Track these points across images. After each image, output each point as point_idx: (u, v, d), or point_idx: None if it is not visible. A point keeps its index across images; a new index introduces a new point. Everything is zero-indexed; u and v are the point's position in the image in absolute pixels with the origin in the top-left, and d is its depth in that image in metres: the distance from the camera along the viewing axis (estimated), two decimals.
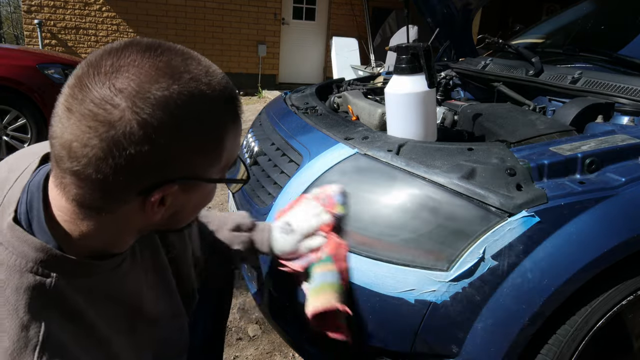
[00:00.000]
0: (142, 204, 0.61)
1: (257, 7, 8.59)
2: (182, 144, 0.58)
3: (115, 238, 0.67)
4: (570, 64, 1.83)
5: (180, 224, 0.72)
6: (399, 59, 1.39)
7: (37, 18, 7.56)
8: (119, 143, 0.54)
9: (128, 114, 0.54)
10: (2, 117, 3.97)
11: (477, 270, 1.01)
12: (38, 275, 0.60)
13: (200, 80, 0.59)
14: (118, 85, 0.55)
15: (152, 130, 0.55)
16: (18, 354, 0.56)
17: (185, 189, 0.63)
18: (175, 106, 0.56)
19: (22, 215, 0.63)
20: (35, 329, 0.58)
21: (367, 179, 1.20)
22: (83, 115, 0.54)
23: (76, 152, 0.55)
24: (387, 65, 6.88)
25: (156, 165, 0.58)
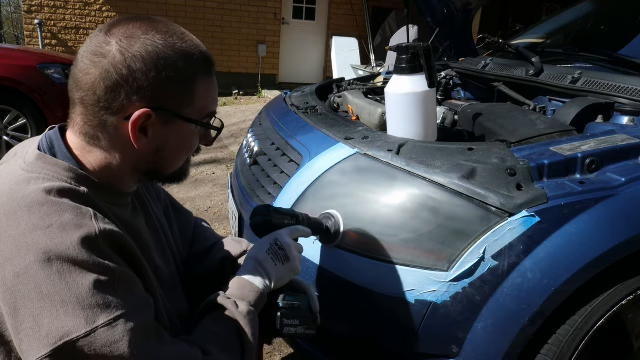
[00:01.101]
0: (129, 132, 0.75)
1: (257, 7, 8.59)
2: (156, 76, 0.74)
3: (117, 171, 0.80)
4: (570, 64, 1.83)
5: (166, 165, 0.84)
6: (399, 58, 1.39)
7: (38, 18, 7.56)
8: (108, 70, 0.73)
9: (115, 47, 0.74)
10: (2, 117, 3.97)
11: (477, 271, 1.01)
12: (72, 185, 0.73)
13: (176, 35, 0.78)
14: (112, 32, 0.75)
15: (130, 60, 0.73)
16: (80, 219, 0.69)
17: (163, 121, 0.77)
18: (152, 45, 0.74)
19: (46, 151, 0.77)
20: (85, 208, 0.71)
21: (367, 179, 1.20)
22: (87, 53, 0.75)
23: (80, 80, 0.75)
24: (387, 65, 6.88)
25: (135, 90, 0.74)
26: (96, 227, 0.69)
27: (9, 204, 0.68)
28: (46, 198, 0.69)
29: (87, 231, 0.68)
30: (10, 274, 0.65)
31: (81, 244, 0.67)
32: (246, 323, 0.84)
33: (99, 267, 0.67)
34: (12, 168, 0.75)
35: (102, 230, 0.70)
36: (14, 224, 0.67)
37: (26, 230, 0.66)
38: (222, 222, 3.04)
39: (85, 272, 0.66)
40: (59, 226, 0.67)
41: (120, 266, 0.71)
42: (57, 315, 0.64)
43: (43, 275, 0.64)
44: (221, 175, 3.97)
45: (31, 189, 0.69)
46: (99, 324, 0.65)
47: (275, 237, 0.98)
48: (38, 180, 0.71)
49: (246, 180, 1.65)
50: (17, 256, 0.65)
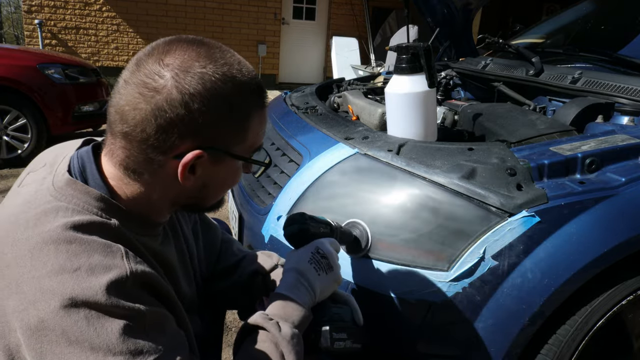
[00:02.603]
0: (176, 169, 0.71)
1: (257, 7, 8.59)
2: (213, 114, 0.69)
3: (154, 204, 0.76)
4: (570, 64, 1.83)
5: (207, 199, 0.80)
6: (399, 58, 1.39)
7: (38, 18, 7.56)
8: (161, 107, 0.66)
9: (171, 82, 0.67)
10: (2, 117, 3.97)
11: (477, 270, 1.01)
12: (102, 218, 0.69)
13: (233, 66, 0.72)
14: (166, 61, 0.68)
15: (188, 97, 0.67)
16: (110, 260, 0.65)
17: (213, 160, 0.73)
18: (210, 81, 0.68)
19: (77, 175, 0.72)
20: (115, 246, 0.67)
21: (367, 179, 1.20)
22: (136, 84, 0.68)
23: (127, 115, 0.68)
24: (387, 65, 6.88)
25: (190, 130, 0.68)
26: (127, 268, 0.66)
27: (35, 238, 0.64)
28: (74, 235, 0.65)
29: (117, 273, 0.64)
30: (35, 318, 0.61)
31: (110, 288, 0.63)
32: (290, 348, 0.78)
33: (128, 311, 0.64)
34: (40, 189, 0.71)
35: (133, 271, 0.66)
36: (40, 264, 0.63)
37: (52, 272, 0.62)
38: None
39: (114, 317, 0.63)
40: (88, 269, 0.63)
41: (151, 306, 0.67)
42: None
43: (70, 321, 0.61)
44: None
45: (59, 223, 0.65)
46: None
47: (316, 246, 0.93)
48: (67, 211, 0.67)
49: (246, 180, 1.65)
50: (42, 300, 0.61)
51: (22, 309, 0.62)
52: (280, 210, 1.30)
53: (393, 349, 1.10)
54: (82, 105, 4.30)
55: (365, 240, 1.09)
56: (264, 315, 0.81)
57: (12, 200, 0.73)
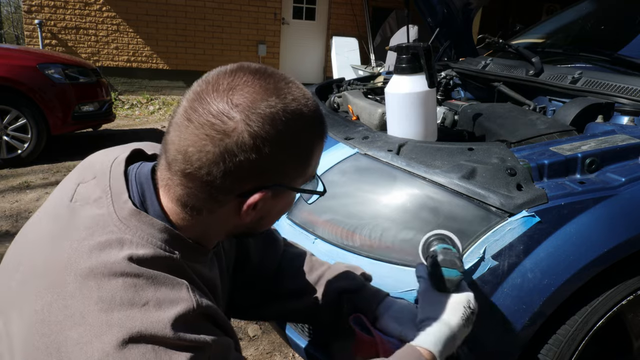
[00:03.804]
0: (237, 207, 0.70)
1: (257, 7, 8.59)
2: (282, 155, 0.67)
3: (208, 236, 0.76)
4: (570, 64, 1.83)
5: (262, 228, 0.79)
6: (399, 58, 1.39)
7: (38, 18, 7.56)
8: (231, 150, 0.64)
9: (241, 125, 0.63)
10: (2, 117, 3.97)
11: (478, 270, 1.01)
12: (166, 252, 0.68)
13: (300, 101, 0.69)
14: (235, 101, 0.64)
15: (260, 142, 0.64)
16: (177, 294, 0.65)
17: (275, 195, 0.71)
18: (280, 122, 0.65)
19: (137, 204, 0.70)
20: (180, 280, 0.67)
21: (368, 179, 1.20)
22: (202, 125, 0.64)
23: (192, 156, 0.65)
24: (387, 65, 6.88)
25: (259, 173, 0.67)
26: (193, 302, 0.65)
27: (101, 269, 0.62)
28: (140, 269, 0.64)
29: (185, 307, 0.64)
30: (99, 352, 0.59)
31: (178, 321, 0.62)
32: None
33: (196, 343, 0.63)
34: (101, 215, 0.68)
35: (199, 304, 0.66)
36: (107, 296, 0.61)
37: (120, 305, 0.61)
38: None
39: (181, 350, 0.62)
40: (155, 303, 0.62)
41: (215, 337, 0.67)
42: None
43: (137, 354, 0.59)
44: None
45: (124, 255, 0.64)
46: None
47: (469, 299, 0.87)
48: (132, 244, 0.65)
49: None
50: (108, 333, 0.59)
51: (86, 341, 0.60)
52: None
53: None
54: (82, 105, 4.30)
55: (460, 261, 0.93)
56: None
57: (66, 220, 0.70)
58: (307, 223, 1.24)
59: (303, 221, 1.25)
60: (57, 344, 0.60)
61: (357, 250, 1.12)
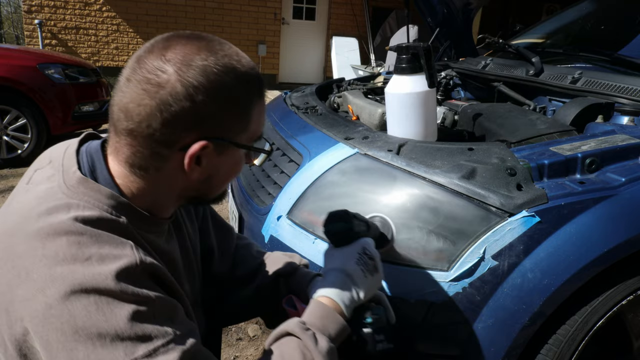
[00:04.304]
0: (182, 162, 0.71)
1: (257, 7, 8.59)
2: (217, 105, 0.70)
3: (161, 199, 0.77)
4: (570, 64, 1.83)
5: (212, 191, 0.81)
6: (399, 58, 1.39)
7: (38, 18, 7.56)
8: (166, 101, 0.67)
9: (174, 76, 0.68)
10: (2, 117, 3.97)
11: (477, 270, 1.01)
12: (112, 215, 0.70)
13: (233, 57, 0.73)
14: (167, 56, 0.69)
15: (192, 90, 0.68)
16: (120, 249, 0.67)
17: (218, 150, 0.74)
18: (212, 72, 0.69)
19: (87, 174, 0.73)
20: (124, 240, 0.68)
21: (368, 179, 1.20)
22: (139, 81, 0.68)
23: (132, 112, 0.69)
24: (387, 65, 6.88)
25: (196, 123, 0.70)
26: (136, 258, 0.67)
27: (46, 229, 0.65)
28: (85, 228, 0.66)
29: (127, 261, 0.65)
30: (42, 305, 0.61)
31: (120, 275, 0.64)
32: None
33: (138, 297, 0.64)
34: (51, 185, 0.71)
35: (142, 260, 0.67)
36: (51, 253, 0.63)
37: (63, 261, 0.63)
38: None
39: (124, 302, 0.63)
40: (98, 258, 0.64)
41: (160, 295, 0.68)
42: (93, 349, 0.61)
43: (79, 306, 0.61)
44: None
45: (71, 216, 0.66)
46: (139, 354, 0.62)
47: (363, 246, 0.90)
48: (79, 207, 0.68)
49: (246, 180, 1.65)
50: (52, 286, 0.61)
51: (30, 296, 0.62)
52: (280, 210, 1.30)
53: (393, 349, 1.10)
54: (82, 105, 4.30)
55: (390, 234, 1.06)
56: (300, 324, 0.78)
57: (21, 197, 0.73)
58: (307, 223, 1.24)
59: (303, 221, 1.25)
60: (5, 304, 0.63)
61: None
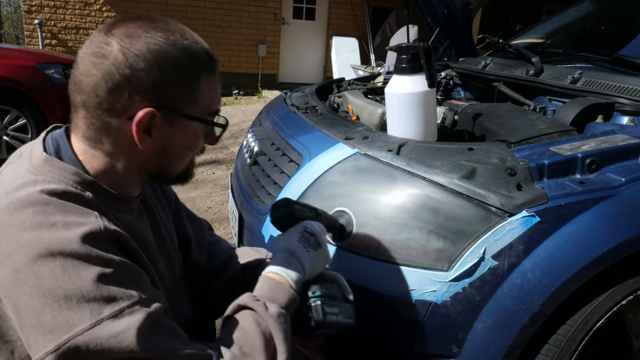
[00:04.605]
0: (132, 133, 0.74)
1: (257, 7, 8.59)
2: (159, 73, 0.73)
3: (122, 175, 0.79)
4: (570, 64, 1.83)
5: (171, 166, 0.82)
6: (399, 58, 1.39)
7: (38, 18, 7.56)
8: (110, 70, 0.72)
9: (116, 47, 0.72)
10: (2, 117, 3.97)
11: (477, 270, 1.01)
12: (77, 190, 0.72)
13: (176, 32, 0.76)
14: (112, 32, 0.74)
15: (132, 58, 0.72)
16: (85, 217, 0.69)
17: (167, 121, 0.76)
18: (153, 43, 0.73)
19: (52, 154, 0.76)
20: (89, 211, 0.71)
21: (368, 179, 1.20)
22: (87, 55, 0.73)
23: (82, 83, 0.73)
24: (387, 65, 6.88)
25: (138, 89, 0.73)
26: (100, 224, 0.69)
27: (14, 203, 0.68)
28: (50, 199, 0.68)
29: (92, 227, 0.68)
30: (10, 270, 0.64)
31: (84, 239, 0.66)
32: (277, 327, 0.78)
33: (103, 260, 0.67)
34: (19, 169, 0.74)
35: (106, 227, 0.70)
36: (18, 222, 0.66)
37: (29, 228, 0.65)
38: (222, 223, 3.04)
39: (89, 265, 0.65)
40: (63, 224, 0.66)
41: (125, 260, 0.70)
42: (60, 310, 0.63)
43: (45, 270, 0.64)
44: (221, 175, 3.97)
45: (37, 189, 0.69)
46: (104, 315, 0.64)
47: (304, 225, 0.96)
48: (44, 182, 0.70)
49: (246, 180, 1.65)
50: (19, 252, 0.64)
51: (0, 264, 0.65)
52: None
53: (393, 349, 1.10)
54: None
55: (350, 227, 1.12)
56: (251, 296, 0.82)
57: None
58: None
59: None
60: None
61: (357, 250, 1.12)
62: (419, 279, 1.05)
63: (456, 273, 1.02)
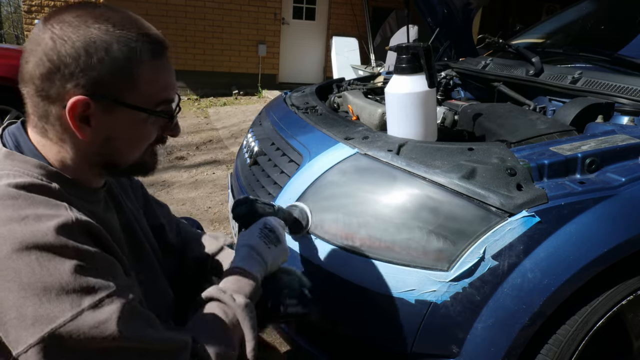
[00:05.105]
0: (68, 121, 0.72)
1: (257, 7, 8.59)
2: (88, 59, 0.71)
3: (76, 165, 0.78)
4: (570, 64, 1.83)
5: (120, 155, 0.80)
6: (399, 58, 1.39)
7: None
8: (41, 57, 0.71)
9: (47, 34, 0.72)
10: (2, 117, 3.97)
11: (478, 270, 1.01)
12: (44, 182, 0.72)
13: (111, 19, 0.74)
14: (50, 20, 0.73)
15: (59, 45, 0.70)
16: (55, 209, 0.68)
17: (104, 109, 0.74)
18: (83, 28, 0.71)
19: (12, 149, 0.75)
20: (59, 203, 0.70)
21: (368, 179, 1.20)
22: (28, 44, 0.74)
23: (24, 72, 0.74)
24: (387, 65, 6.88)
25: (68, 76, 0.71)
26: (72, 216, 0.69)
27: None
28: (18, 192, 0.68)
29: (64, 219, 0.67)
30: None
31: (58, 231, 0.66)
32: (244, 316, 0.83)
33: (79, 252, 0.67)
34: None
35: (78, 218, 0.69)
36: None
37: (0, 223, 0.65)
38: (222, 222, 3.04)
39: (65, 257, 0.65)
40: (34, 217, 0.66)
41: (100, 251, 0.71)
42: (40, 303, 0.63)
43: (22, 264, 0.63)
44: (221, 175, 3.97)
45: (2, 184, 0.68)
46: (85, 306, 0.65)
47: (264, 222, 1.01)
48: (9, 177, 0.70)
49: (246, 180, 1.65)
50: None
51: None
52: None
53: (393, 349, 1.10)
54: None
55: (305, 220, 1.19)
56: (217, 288, 0.86)
57: None
58: None
59: None
60: None
61: (357, 250, 1.12)
62: (419, 279, 1.05)
63: (456, 273, 1.02)
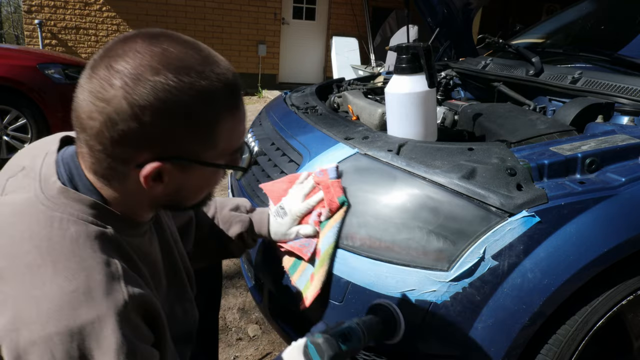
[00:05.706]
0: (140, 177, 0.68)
1: (257, 7, 8.59)
2: (168, 126, 0.65)
3: (135, 208, 0.75)
4: (570, 64, 1.83)
5: (187, 201, 0.78)
6: (399, 58, 1.39)
7: (38, 18, 7.56)
8: (113, 119, 0.63)
9: (120, 92, 0.62)
10: (2, 117, 3.97)
11: (477, 270, 1.01)
12: (98, 227, 0.68)
13: (193, 69, 0.66)
14: (118, 67, 0.63)
15: (139, 109, 0.62)
16: (108, 284, 0.64)
17: (180, 168, 0.69)
18: (163, 90, 0.63)
19: (66, 182, 0.70)
20: (114, 265, 0.66)
21: (368, 179, 1.20)
22: (89, 92, 0.64)
23: (85, 124, 0.65)
24: (387, 65, 6.88)
25: (147, 143, 0.65)
26: (125, 295, 0.65)
27: (33, 254, 0.63)
28: (72, 250, 0.64)
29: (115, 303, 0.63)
30: (26, 339, 0.59)
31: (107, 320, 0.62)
32: None
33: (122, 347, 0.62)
34: (29, 198, 0.68)
35: (132, 295, 0.65)
36: (39, 283, 0.61)
37: (50, 294, 0.61)
38: None
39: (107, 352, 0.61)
40: (85, 291, 0.62)
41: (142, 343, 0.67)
42: None
43: (61, 349, 0.59)
44: None
45: (55, 235, 0.64)
46: None
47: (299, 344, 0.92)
48: (62, 221, 0.65)
49: (246, 180, 1.65)
50: (37, 322, 0.60)
51: (14, 328, 0.60)
52: None
53: (393, 349, 1.10)
54: None
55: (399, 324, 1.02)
56: None
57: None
58: None
59: None
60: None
61: (357, 250, 1.12)
62: (419, 279, 1.05)
63: (456, 273, 1.02)
